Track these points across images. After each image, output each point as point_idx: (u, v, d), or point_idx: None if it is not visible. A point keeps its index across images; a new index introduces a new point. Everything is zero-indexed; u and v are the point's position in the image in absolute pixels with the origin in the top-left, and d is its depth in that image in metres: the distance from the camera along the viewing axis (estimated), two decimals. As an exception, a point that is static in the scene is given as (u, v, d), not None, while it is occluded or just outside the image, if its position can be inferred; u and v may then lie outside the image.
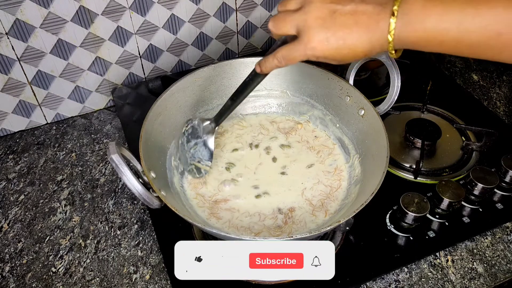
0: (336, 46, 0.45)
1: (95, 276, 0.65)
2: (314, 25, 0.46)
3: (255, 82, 0.57)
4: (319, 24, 0.45)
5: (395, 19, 0.42)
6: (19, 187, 0.78)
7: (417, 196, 0.66)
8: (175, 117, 0.70)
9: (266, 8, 0.97)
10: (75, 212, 0.74)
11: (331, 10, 0.45)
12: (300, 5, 0.47)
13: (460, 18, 0.40)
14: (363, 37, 0.44)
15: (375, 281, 0.64)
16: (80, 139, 0.87)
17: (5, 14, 0.74)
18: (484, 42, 0.40)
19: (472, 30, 0.40)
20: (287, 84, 0.76)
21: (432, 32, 0.41)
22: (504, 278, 0.65)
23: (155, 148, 0.64)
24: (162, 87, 0.91)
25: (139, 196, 0.54)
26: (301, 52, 0.48)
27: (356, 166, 0.68)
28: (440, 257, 0.67)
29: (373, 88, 0.95)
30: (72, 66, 0.85)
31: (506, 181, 0.73)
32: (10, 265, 0.67)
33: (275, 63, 0.51)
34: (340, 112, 0.72)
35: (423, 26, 0.41)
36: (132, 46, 0.89)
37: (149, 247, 0.69)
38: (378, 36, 0.43)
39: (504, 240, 0.69)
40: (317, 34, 0.45)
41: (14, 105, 0.85)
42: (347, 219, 0.53)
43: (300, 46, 0.47)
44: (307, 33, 0.46)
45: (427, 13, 0.41)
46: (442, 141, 0.80)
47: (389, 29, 0.42)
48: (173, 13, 0.88)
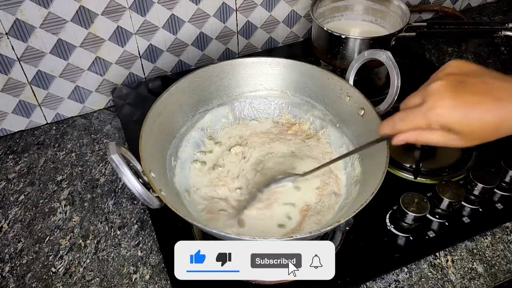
0: (465, 114, 0.42)
1: (95, 276, 0.65)
2: (440, 90, 0.43)
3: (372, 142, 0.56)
4: (446, 90, 0.43)
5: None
6: (19, 187, 0.78)
7: (417, 196, 0.66)
8: (175, 117, 0.70)
9: (266, 8, 0.97)
10: (75, 212, 0.74)
11: (459, 80, 0.43)
12: (421, 99, 0.45)
13: None
14: (499, 110, 0.42)
15: (375, 281, 0.64)
16: (80, 139, 0.87)
17: (5, 14, 0.74)
18: None
19: None
20: (287, 84, 0.76)
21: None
22: (504, 278, 0.65)
23: (155, 148, 0.64)
24: (162, 87, 0.91)
25: (139, 196, 0.54)
26: (422, 116, 0.45)
27: (356, 166, 0.68)
28: (440, 257, 0.67)
29: (373, 88, 0.95)
30: (72, 66, 0.85)
31: (506, 181, 0.73)
32: (10, 265, 0.67)
33: (390, 127, 0.49)
34: (340, 112, 0.72)
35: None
36: (132, 46, 0.89)
37: (149, 247, 0.69)
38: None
39: (504, 240, 0.69)
40: (443, 98, 0.43)
41: (14, 105, 0.85)
42: (347, 219, 0.52)
43: (422, 109, 0.44)
44: (433, 97, 0.44)
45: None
46: (442, 141, 0.80)
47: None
48: (173, 13, 0.88)
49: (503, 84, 0.43)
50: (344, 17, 0.98)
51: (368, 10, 0.96)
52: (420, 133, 0.47)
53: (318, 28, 0.89)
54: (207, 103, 0.75)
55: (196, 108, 0.74)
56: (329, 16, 0.97)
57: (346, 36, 0.84)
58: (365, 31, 0.95)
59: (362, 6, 0.96)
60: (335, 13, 0.97)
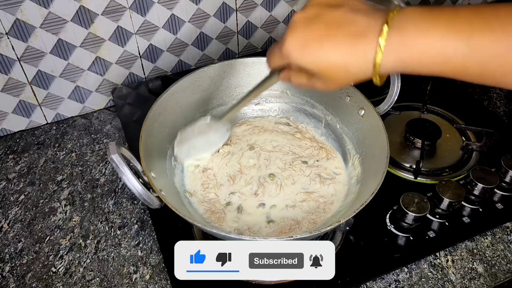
0: (313, 52, 0.38)
1: (95, 276, 0.65)
2: (296, 24, 0.39)
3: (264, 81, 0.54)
4: (300, 23, 0.39)
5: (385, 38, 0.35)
6: (19, 187, 0.78)
7: (417, 196, 0.66)
8: (175, 117, 0.70)
9: (266, 8, 0.97)
10: (75, 212, 0.74)
11: (317, 13, 0.39)
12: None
13: (470, 33, 0.33)
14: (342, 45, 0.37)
15: (375, 281, 0.64)
16: (80, 139, 0.87)
17: (5, 14, 0.74)
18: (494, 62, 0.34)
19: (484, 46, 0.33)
20: (287, 84, 0.76)
21: (435, 49, 0.34)
22: (504, 278, 0.65)
23: (155, 148, 0.64)
24: (162, 87, 0.91)
25: (139, 196, 0.54)
26: (279, 53, 0.42)
27: (356, 166, 0.68)
28: (440, 257, 0.67)
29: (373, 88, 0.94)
30: (72, 66, 0.85)
31: (506, 181, 0.73)
32: (10, 265, 0.67)
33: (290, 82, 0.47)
34: (340, 112, 0.72)
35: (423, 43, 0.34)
36: (132, 46, 0.89)
37: (149, 247, 0.69)
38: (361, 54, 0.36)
39: (504, 240, 0.69)
40: (293, 34, 0.39)
41: (14, 105, 0.85)
42: (347, 219, 0.53)
43: (279, 44, 0.41)
44: (287, 32, 0.40)
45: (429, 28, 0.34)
46: (442, 141, 0.80)
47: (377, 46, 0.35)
48: (173, 13, 0.88)
49: (362, 18, 0.37)
50: (344, 17, 0.98)
51: (368, 10, 0.96)
52: (289, 73, 0.45)
53: (318, 28, 0.88)
54: (207, 103, 0.75)
55: (196, 108, 0.74)
56: (329, 16, 0.97)
57: (346, 36, 0.84)
58: (365, 31, 0.95)
59: (362, 6, 0.96)
60: (335, 13, 0.97)
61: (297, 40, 0.39)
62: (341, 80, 0.40)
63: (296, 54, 0.40)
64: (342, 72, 0.39)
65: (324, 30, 0.38)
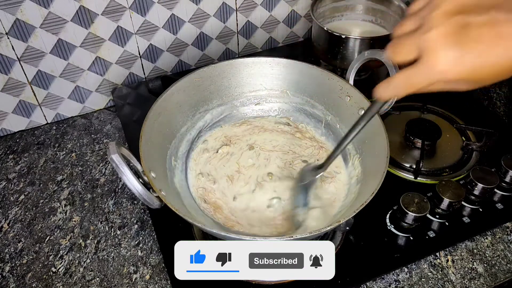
0: (473, 66, 0.37)
1: (95, 276, 0.65)
2: (440, 43, 0.37)
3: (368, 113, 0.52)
4: (447, 41, 0.37)
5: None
6: (19, 187, 0.78)
7: (417, 196, 0.66)
8: (175, 117, 0.70)
9: (266, 8, 0.97)
10: (75, 212, 0.74)
11: (461, 24, 0.37)
12: (418, 23, 0.40)
13: None
14: (510, 52, 0.36)
15: (375, 281, 0.64)
16: (80, 139, 0.87)
17: (5, 14, 0.74)
18: None
19: None
20: (287, 84, 0.76)
21: None
22: (504, 278, 0.65)
23: (155, 148, 0.64)
24: (162, 87, 0.91)
25: (139, 196, 0.54)
26: (424, 77, 0.39)
27: (356, 166, 0.68)
28: (440, 257, 0.67)
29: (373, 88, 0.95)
30: (72, 66, 0.85)
31: (506, 181, 0.73)
32: (10, 265, 0.67)
33: (390, 91, 0.44)
34: (340, 112, 0.72)
35: None
36: (132, 46, 0.89)
37: (149, 247, 0.69)
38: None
39: (504, 240, 0.69)
40: (446, 54, 0.37)
41: (14, 105, 0.85)
42: (347, 219, 0.52)
43: (424, 69, 0.39)
44: (433, 54, 0.38)
45: None
46: (442, 141, 0.80)
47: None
48: (173, 13, 0.88)
49: (509, 16, 0.36)
50: (344, 17, 0.98)
51: (368, 10, 0.96)
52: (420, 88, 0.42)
53: (318, 28, 0.89)
54: (207, 103, 0.75)
55: (196, 108, 0.74)
56: (329, 16, 0.97)
57: (346, 36, 0.84)
58: (365, 31, 0.95)
59: (362, 6, 0.96)
60: (335, 13, 0.97)
61: (454, 58, 0.37)
62: (503, 78, 0.39)
63: (454, 71, 0.38)
64: (508, 72, 0.38)
65: (479, 44, 0.37)
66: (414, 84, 0.41)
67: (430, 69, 0.39)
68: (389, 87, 0.44)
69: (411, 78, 0.41)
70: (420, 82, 0.40)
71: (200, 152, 0.73)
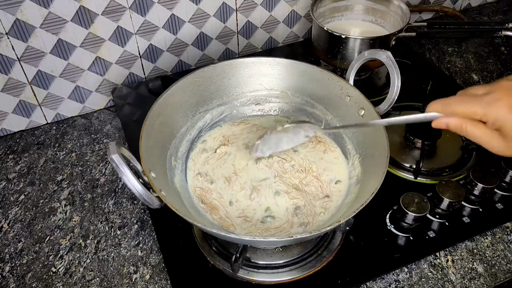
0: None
1: (95, 276, 0.65)
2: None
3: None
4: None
5: None
6: (19, 187, 0.78)
7: (417, 196, 0.66)
8: (175, 117, 0.70)
9: (266, 8, 0.97)
10: (75, 212, 0.74)
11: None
12: (486, 91, 0.44)
13: None
14: None
15: (375, 281, 0.64)
16: (80, 139, 0.87)
17: (5, 14, 0.74)
18: None
19: None
20: (287, 84, 0.76)
21: None
22: (504, 278, 0.65)
23: (155, 148, 0.64)
24: (162, 87, 0.91)
25: (139, 196, 0.54)
26: (481, 104, 0.44)
27: (356, 166, 0.68)
28: (440, 257, 0.67)
29: (373, 88, 0.95)
30: (72, 66, 0.85)
31: (506, 181, 0.73)
32: (10, 265, 0.67)
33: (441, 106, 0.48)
34: (340, 112, 0.72)
35: None
36: (132, 46, 0.89)
37: (149, 247, 0.69)
38: None
39: (504, 240, 0.69)
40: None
41: (14, 105, 0.85)
42: (347, 219, 0.52)
43: (486, 98, 0.44)
44: (502, 91, 0.43)
45: None
46: (442, 141, 0.80)
47: None
48: (173, 13, 0.88)
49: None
50: (344, 17, 0.98)
51: (368, 10, 0.96)
52: (466, 122, 0.46)
53: (318, 28, 0.89)
54: (207, 103, 0.75)
55: (196, 108, 0.74)
56: (329, 16, 0.97)
57: (346, 36, 0.84)
58: (365, 31, 0.95)
59: (362, 6, 0.96)
60: (335, 13, 0.97)
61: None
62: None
63: (508, 112, 0.43)
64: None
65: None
66: (468, 105, 0.45)
67: (492, 100, 0.43)
68: (442, 102, 0.47)
69: (470, 100, 0.45)
70: (475, 107, 0.45)
71: (199, 152, 0.73)
